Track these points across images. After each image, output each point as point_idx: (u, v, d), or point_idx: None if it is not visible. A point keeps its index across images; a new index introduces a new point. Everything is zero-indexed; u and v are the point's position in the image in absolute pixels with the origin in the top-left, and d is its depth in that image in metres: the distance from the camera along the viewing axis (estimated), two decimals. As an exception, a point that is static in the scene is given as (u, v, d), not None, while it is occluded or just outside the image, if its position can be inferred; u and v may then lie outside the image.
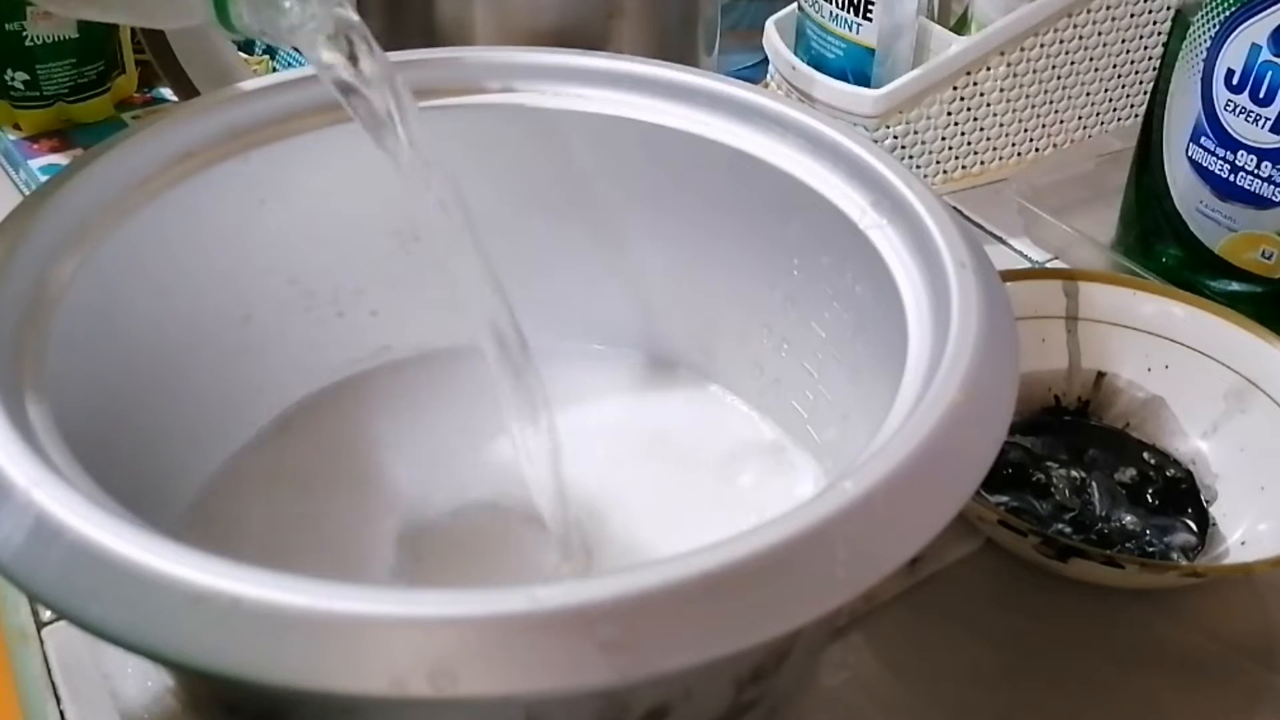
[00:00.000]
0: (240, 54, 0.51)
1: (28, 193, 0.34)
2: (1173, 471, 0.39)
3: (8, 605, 0.34)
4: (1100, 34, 0.56)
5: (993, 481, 0.38)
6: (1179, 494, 0.39)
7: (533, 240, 0.40)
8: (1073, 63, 0.57)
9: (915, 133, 0.54)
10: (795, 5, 0.57)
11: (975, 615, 0.35)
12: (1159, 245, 0.49)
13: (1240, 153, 0.44)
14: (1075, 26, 0.55)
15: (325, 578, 0.20)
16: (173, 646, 0.19)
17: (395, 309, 0.40)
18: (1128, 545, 0.37)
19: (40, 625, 0.34)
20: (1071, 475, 0.39)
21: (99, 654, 0.32)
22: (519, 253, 0.40)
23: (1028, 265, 0.53)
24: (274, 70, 0.68)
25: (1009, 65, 0.54)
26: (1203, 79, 0.45)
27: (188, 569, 0.20)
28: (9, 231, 0.28)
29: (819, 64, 0.55)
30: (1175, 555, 0.37)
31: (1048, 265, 0.53)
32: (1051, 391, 0.42)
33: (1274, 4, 0.41)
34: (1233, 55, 0.43)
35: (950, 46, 0.53)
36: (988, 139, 0.57)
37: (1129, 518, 0.38)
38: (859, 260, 0.32)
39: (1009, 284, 0.40)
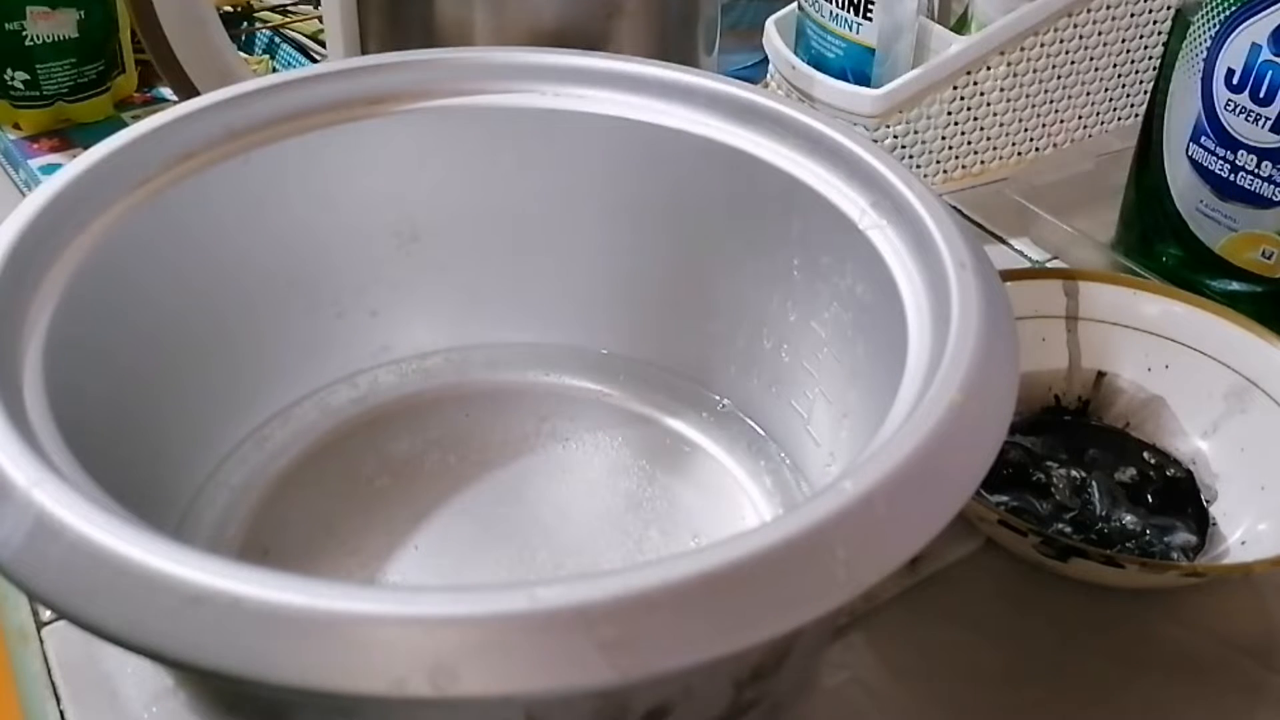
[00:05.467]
0: (240, 54, 0.51)
1: (28, 192, 0.34)
2: (1173, 471, 0.39)
3: (8, 605, 0.34)
4: (1100, 34, 0.56)
5: (993, 481, 0.38)
6: (1179, 494, 0.39)
7: (532, 240, 0.40)
8: (1073, 62, 0.57)
9: (915, 132, 0.54)
10: (795, 5, 0.57)
11: (975, 615, 0.35)
12: (1159, 245, 0.49)
13: (1240, 152, 0.44)
14: (1075, 26, 0.55)
15: (326, 577, 0.20)
16: (173, 646, 0.19)
17: (395, 309, 0.41)
18: (1128, 545, 0.37)
19: (40, 625, 0.34)
20: (1071, 475, 0.39)
21: (99, 654, 0.32)
22: (518, 252, 0.40)
23: (1028, 265, 0.53)
24: (274, 70, 0.68)
25: (1009, 65, 0.54)
26: (1203, 78, 0.44)
27: (188, 569, 0.20)
28: (9, 231, 0.28)
29: (819, 63, 0.55)
30: (1175, 555, 0.37)
31: (1048, 265, 0.53)
32: (1051, 391, 0.42)
33: (1274, 4, 0.41)
34: (1233, 55, 0.43)
35: (950, 46, 0.53)
36: (988, 138, 0.57)
37: (1129, 518, 0.38)
38: (859, 260, 0.32)
39: (1009, 284, 0.40)
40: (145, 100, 0.63)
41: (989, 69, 0.54)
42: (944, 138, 0.56)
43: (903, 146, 0.55)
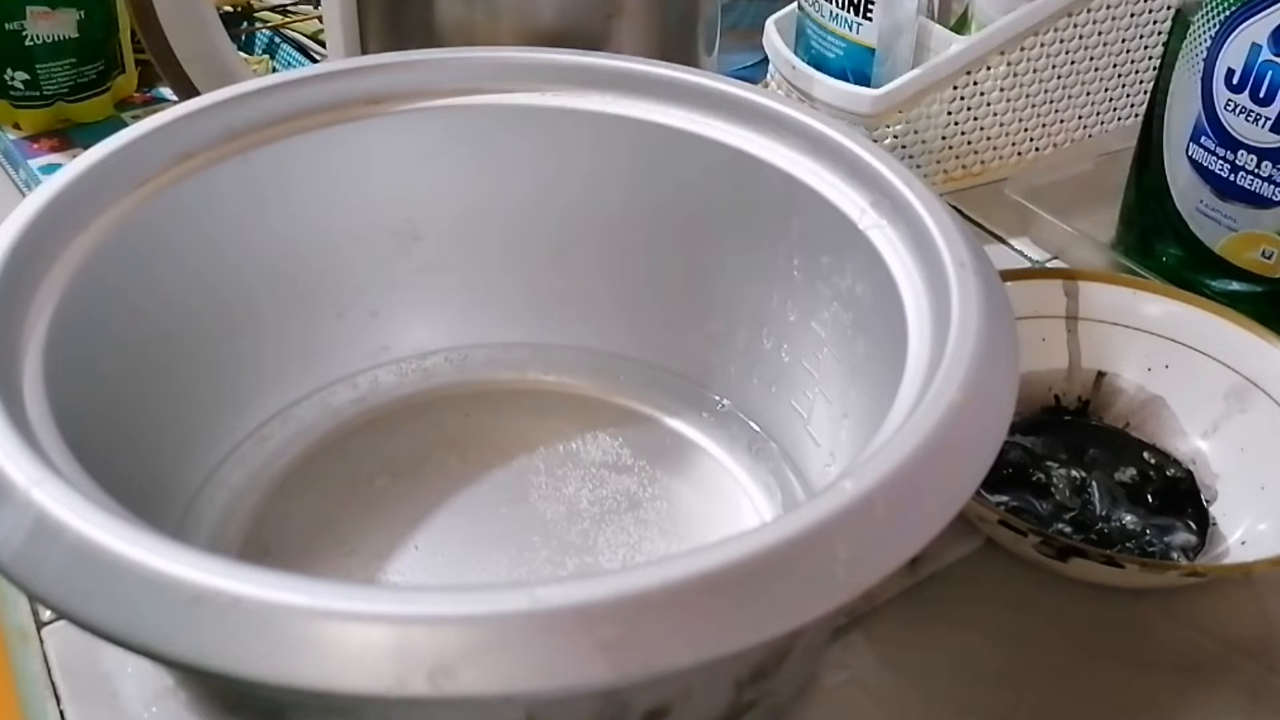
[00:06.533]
0: (240, 54, 0.51)
1: (28, 192, 0.34)
2: (1173, 471, 0.39)
3: (8, 605, 0.34)
4: (1100, 34, 0.56)
5: (993, 481, 0.38)
6: (1179, 494, 0.39)
7: (532, 240, 0.40)
8: (1073, 62, 0.57)
9: (915, 132, 0.54)
10: (795, 5, 0.57)
11: (975, 615, 0.35)
12: (1159, 245, 0.49)
13: (1240, 152, 0.44)
14: (1075, 26, 0.55)
15: (326, 577, 0.20)
16: (173, 646, 0.19)
17: (395, 309, 0.41)
18: (1128, 545, 0.37)
19: (40, 625, 0.34)
20: (1071, 475, 0.39)
21: (99, 654, 0.32)
22: (518, 252, 0.40)
23: (1028, 265, 0.53)
24: (274, 70, 0.68)
25: (1009, 65, 0.54)
26: (1203, 78, 0.44)
27: (188, 569, 0.20)
28: (9, 231, 0.28)
29: (819, 63, 0.55)
30: (1175, 555, 0.37)
31: (1048, 265, 0.53)
32: (1051, 391, 0.42)
33: (1274, 3, 0.41)
34: (1233, 55, 0.43)
35: (950, 46, 0.53)
36: (988, 138, 0.57)
37: (1129, 517, 0.38)
38: (859, 260, 0.32)
39: (1009, 284, 0.40)
40: (145, 100, 0.63)
41: (989, 69, 0.54)
42: (944, 138, 0.56)
43: (903, 146, 0.55)
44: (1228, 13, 0.43)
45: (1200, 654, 0.34)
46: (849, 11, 0.52)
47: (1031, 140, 0.59)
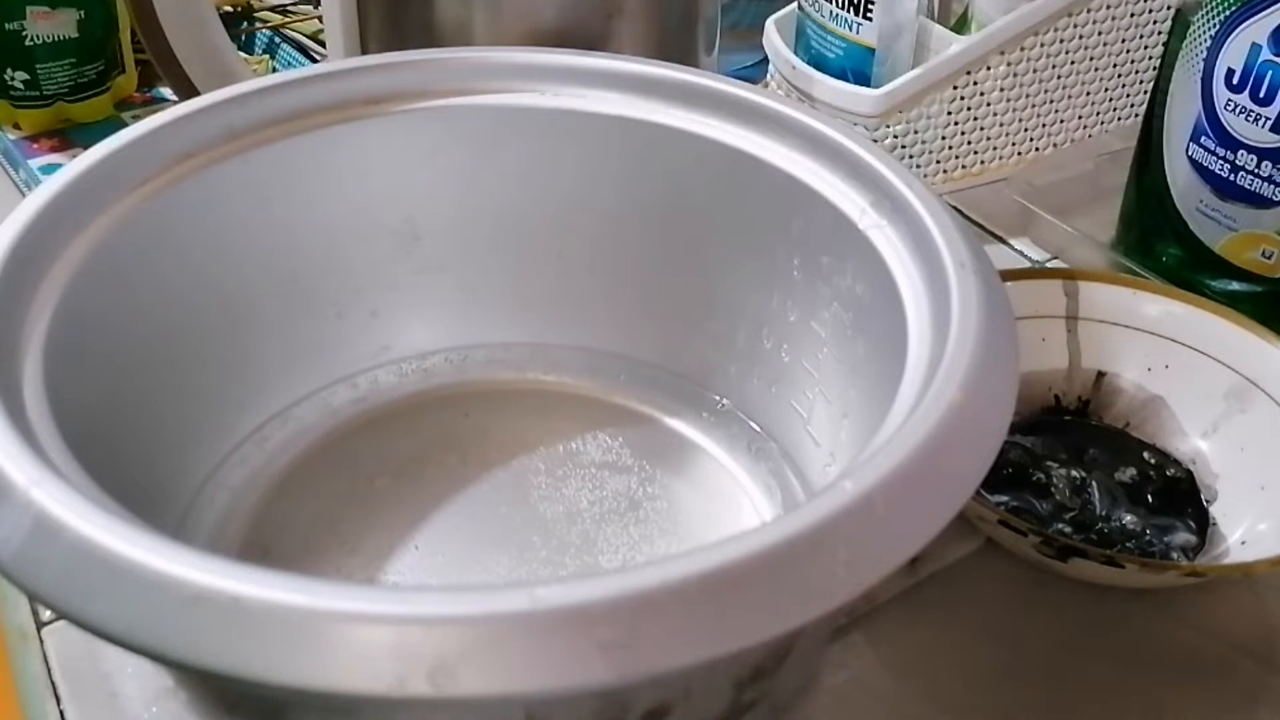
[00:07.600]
0: (240, 54, 0.51)
1: (28, 192, 0.34)
2: (1173, 471, 0.39)
3: (8, 605, 0.34)
4: (1100, 33, 0.56)
5: (993, 481, 0.38)
6: (1179, 494, 0.39)
7: (532, 240, 0.40)
8: (1073, 62, 0.57)
9: (915, 132, 0.54)
10: (795, 5, 0.57)
11: (975, 615, 0.35)
12: (1159, 245, 0.49)
13: (1240, 152, 0.44)
14: (1075, 26, 0.55)
15: (326, 577, 0.20)
16: (173, 646, 0.19)
17: (395, 309, 0.41)
18: (1128, 545, 0.37)
19: (40, 625, 0.34)
20: (1071, 475, 0.39)
21: (99, 654, 0.32)
22: (518, 252, 0.40)
23: (1028, 265, 0.53)
24: (274, 70, 0.68)
25: (1009, 65, 0.54)
26: (1203, 78, 0.44)
27: (188, 569, 0.20)
28: (9, 231, 0.28)
29: (819, 63, 0.55)
30: (1175, 555, 0.37)
31: (1048, 265, 0.53)
32: (1051, 391, 0.42)
33: (1274, 3, 0.41)
34: (1233, 55, 0.43)
35: (950, 46, 0.53)
36: (988, 138, 0.57)
37: (1129, 517, 0.38)
38: (859, 260, 0.32)
39: (1009, 284, 0.40)
40: (145, 100, 0.63)
41: (989, 69, 0.54)
42: (944, 138, 0.56)
43: (903, 146, 0.55)
44: (1228, 13, 0.43)
45: (1200, 654, 0.34)
46: (849, 11, 0.52)
47: (1031, 140, 0.59)
